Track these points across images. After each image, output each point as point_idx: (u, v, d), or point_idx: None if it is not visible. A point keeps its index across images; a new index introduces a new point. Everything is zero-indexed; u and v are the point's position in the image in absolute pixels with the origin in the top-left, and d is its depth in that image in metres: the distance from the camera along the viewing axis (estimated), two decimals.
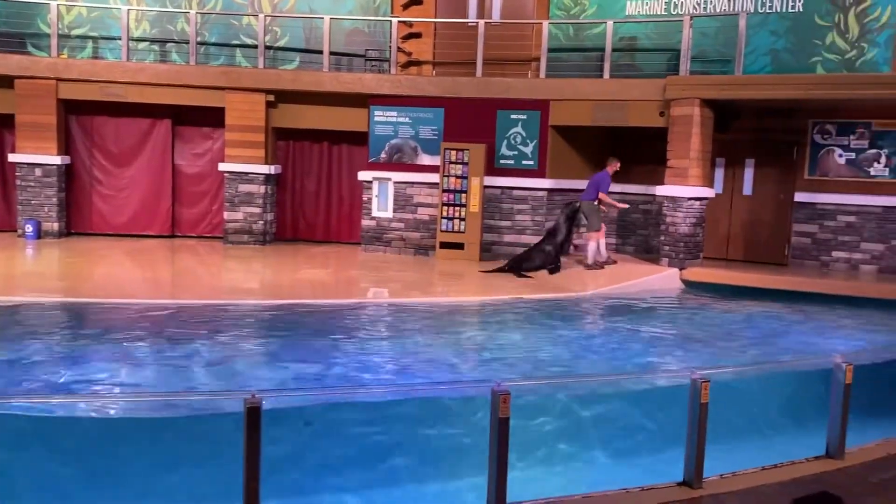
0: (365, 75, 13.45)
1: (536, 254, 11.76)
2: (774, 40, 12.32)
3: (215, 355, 7.03)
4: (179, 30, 14.00)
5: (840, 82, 11.10)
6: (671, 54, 12.63)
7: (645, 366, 7.42)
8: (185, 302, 9.05)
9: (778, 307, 10.34)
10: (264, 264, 12.24)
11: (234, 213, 13.67)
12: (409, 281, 11.27)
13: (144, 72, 13.37)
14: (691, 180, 11.70)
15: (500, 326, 8.83)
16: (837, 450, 5.52)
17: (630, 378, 6.48)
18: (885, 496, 4.90)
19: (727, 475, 5.09)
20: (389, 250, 13.40)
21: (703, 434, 4.90)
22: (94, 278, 10.76)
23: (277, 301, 9.31)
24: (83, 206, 14.09)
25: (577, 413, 6.26)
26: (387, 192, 13.34)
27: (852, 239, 12.19)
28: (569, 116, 12.66)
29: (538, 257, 11.70)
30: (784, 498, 2.91)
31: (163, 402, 5.43)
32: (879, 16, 11.78)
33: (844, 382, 5.53)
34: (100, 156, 14.09)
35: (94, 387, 5.98)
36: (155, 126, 14.12)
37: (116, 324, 8.04)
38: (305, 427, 5.71)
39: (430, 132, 13.17)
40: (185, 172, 14.36)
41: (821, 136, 12.33)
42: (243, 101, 13.36)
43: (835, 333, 9.07)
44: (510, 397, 4.40)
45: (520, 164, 12.90)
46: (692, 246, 11.88)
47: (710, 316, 9.92)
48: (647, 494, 4.79)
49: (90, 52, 14.04)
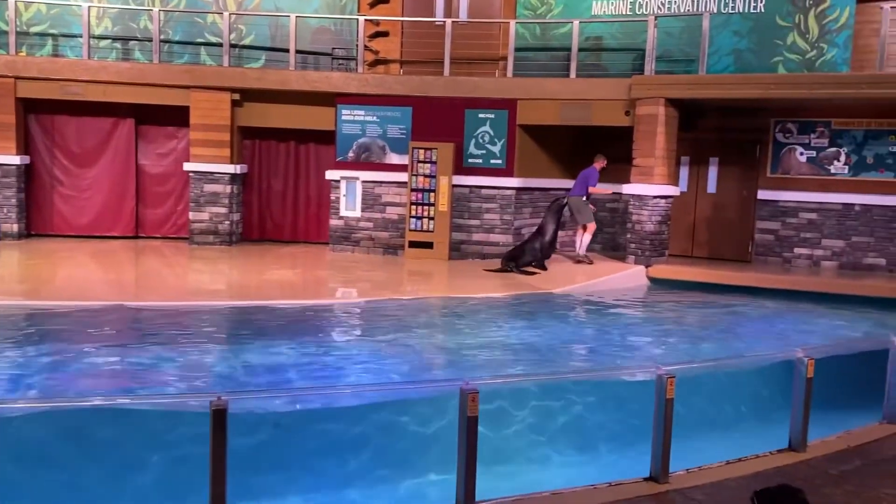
0: (332, 74, 13.37)
1: (526, 251, 11.86)
2: (737, 40, 12.51)
3: (180, 358, 6.94)
4: (142, 27, 13.78)
5: (800, 82, 11.31)
6: (636, 54, 12.76)
7: (611, 361, 7.49)
8: (150, 304, 8.93)
9: (742, 303, 10.52)
10: (231, 265, 12.11)
11: (199, 213, 13.50)
12: (379, 280, 11.24)
13: (106, 70, 13.14)
14: (657, 179, 11.84)
15: (468, 324, 8.85)
16: (800, 443, 5.63)
17: (596, 375, 6.53)
18: (843, 487, 5.01)
19: (693, 469, 5.16)
20: (358, 250, 13.35)
21: (669, 429, 4.96)
22: (56, 281, 10.56)
23: (245, 302, 9.22)
24: (44, 206, 13.81)
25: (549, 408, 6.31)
26: (355, 192, 13.29)
27: (813, 236, 12.44)
28: (536, 115, 12.73)
29: (528, 254, 11.81)
30: (747, 491, 2.96)
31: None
32: (838, 17, 12.02)
33: (806, 376, 5.65)
34: (61, 156, 13.82)
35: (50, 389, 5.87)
36: (118, 125, 13.89)
37: (77, 327, 7.88)
38: (275, 429, 5.68)
39: (398, 131, 13.14)
40: (149, 172, 14.14)
41: (782, 134, 12.56)
42: (208, 100, 13.20)
43: (797, 328, 9.24)
44: (478, 396, 4.41)
45: (488, 164, 12.93)
46: (658, 243, 12.02)
47: (675, 312, 10.05)
48: (614, 490, 4.84)
49: (50, 50, 13.76)
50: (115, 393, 5.88)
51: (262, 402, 5.32)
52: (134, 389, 6.04)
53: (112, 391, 5.97)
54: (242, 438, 4.86)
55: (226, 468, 4.04)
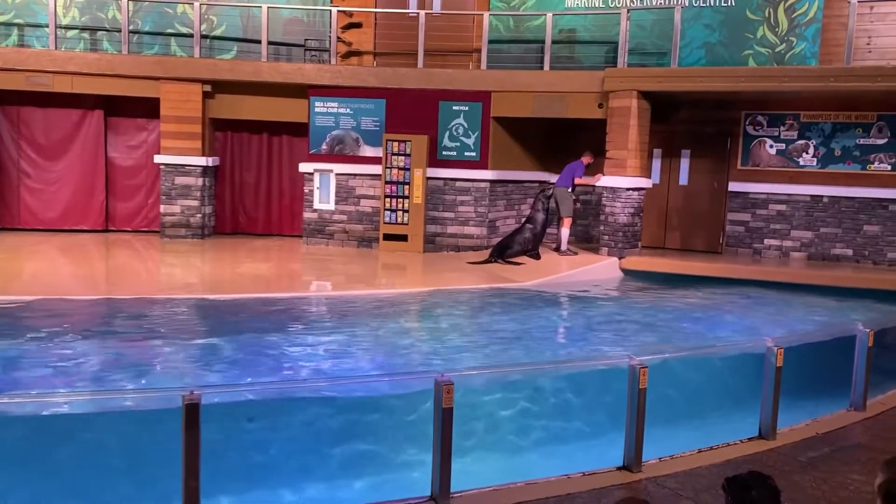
0: (305, 65, 13.26)
1: (516, 241, 11.94)
2: (708, 33, 12.62)
3: (151, 352, 6.87)
4: (111, 17, 13.55)
5: (770, 75, 11.45)
6: (609, 47, 12.82)
7: (587, 352, 7.55)
8: (121, 298, 8.81)
9: (712, 293, 10.66)
10: (203, 259, 12.00)
11: (170, 206, 13.34)
12: (353, 273, 11.20)
13: (73, 61, 12.91)
14: (629, 171, 11.93)
15: (442, 317, 8.86)
16: (769, 431, 5.72)
17: (570, 366, 6.58)
18: (811, 474, 5.11)
19: (665, 458, 5.23)
20: (332, 243, 13.28)
21: (642, 419, 5.02)
22: (23, 275, 10.38)
23: (219, 296, 9.14)
24: (10, 200, 13.55)
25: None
26: (328, 184, 13.21)
27: (783, 227, 12.63)
28: (510, 108, 12.74)
29: (517, 245, 11.91)
30: (719, 479, 3.01)
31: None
32: (807, 11, 12.18)
33: (775, 365, 5.74)
34: (28, 148, 13.56)
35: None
36: (86, 117, 13.66)
37: (45, 322, 7.76)
38: (249, 423, 5.65)
39: (371, 123, 13.08)
40: (119, 165, 13.94)
41: (752, 127, 12.71)
42: (179, 92, 13.02)
43: (766, 318, 9.38)
44: (453, 387, 4.43)
45: (462, 156, 12.93)
46: (631, 235, 12.12)
47: (646, 303, 10.15)
48: (587, 479, 4.88)
49: (15, 40, 13.47)
50: (80, 389, 5.80)
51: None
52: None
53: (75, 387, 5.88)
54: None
55: (199, 463, 4.01)
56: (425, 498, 4.48)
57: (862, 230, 12.21)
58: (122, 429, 5.25)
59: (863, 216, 12.20)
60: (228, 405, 5.29)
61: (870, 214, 12.16)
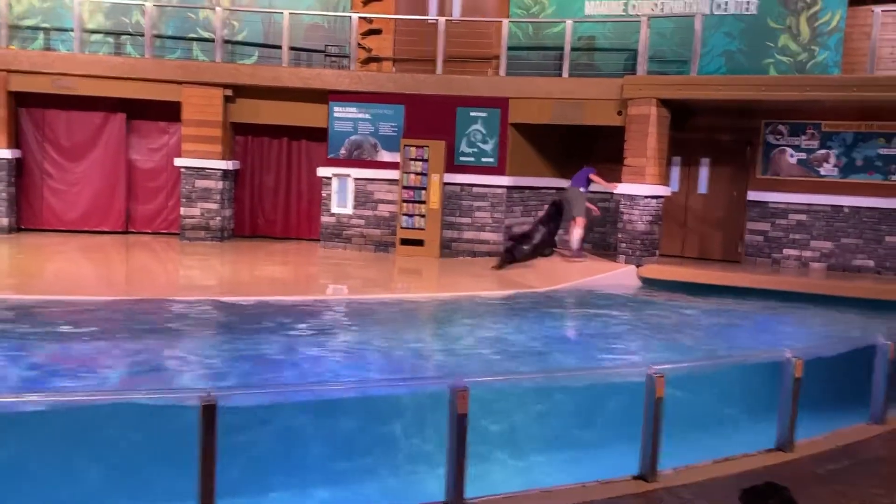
0: (324, 71, 13.35)
1: (527, 242, 11.99)
2: (729, 42, 12.56)
3: (170, 353, 6.93)
4: (134, 22, 13.72)
5: (791, 84, 11.37)
6: (629, 54, 12.79)
7: (602, 361, 7.52)
8: (140, 298, 8.90)
9: (731, 304, 10.57)
10: (222, 261, 12.08)
11: (190, 208, 13.46)
12: (370, 278, 11.24)
13: (98, 64, 13.07)
14: (648, 178, 11.88)
15: (459, 322, 8.86)
16: (787, 443, 5.66)
17: (587, 373, 6.55)
18: (830, 487, 5.05)
19: (681, 468, 5.19)
20: (349, 247, 13.34)
21: (658, 428, 4.99)
22: (46, 275, 10.51)
23: (237, 298, 9.20)
24: (34, 201, 13.73)
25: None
26: (346, 189, 13.28)
27: (802, 237, 12.51)
28: (528, 114, 12.74)
29: (528, 246, 11.97)
30: (735, 490, 2.99)
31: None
32: (830, 19, 12.09)
33: (794, 376, 5.68)
34: (51, 150, 13.75)
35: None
36: (109, 120, 13.82)
37: (67, 321, 7.85)
38: (263, 425, 5.66)
39: (390, 129, 13.13)
40: (140, 167, 14.08)
41: (773, 136, 12.61)
42: (200, 96, 13.15)
43: (785, 329, 9.29)
44: (468, 393, 4.43)
45: (480, 162, 12.94)
46: (649, 243, 12.07)
47: (664, 312, 10.09)
48: (603, 488, 4.86)
49: (42, 44, 13.67)
50: (99, 388, 5.86)
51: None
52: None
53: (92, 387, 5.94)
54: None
55: (215, 464, 4.04)
56: (439, 503, 4.48)
57: (883, 241, 12.06)
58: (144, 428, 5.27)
59: (884, 227, 12.05)
60: (248, 408, 5.31)
61: (892, 225, 12.01)
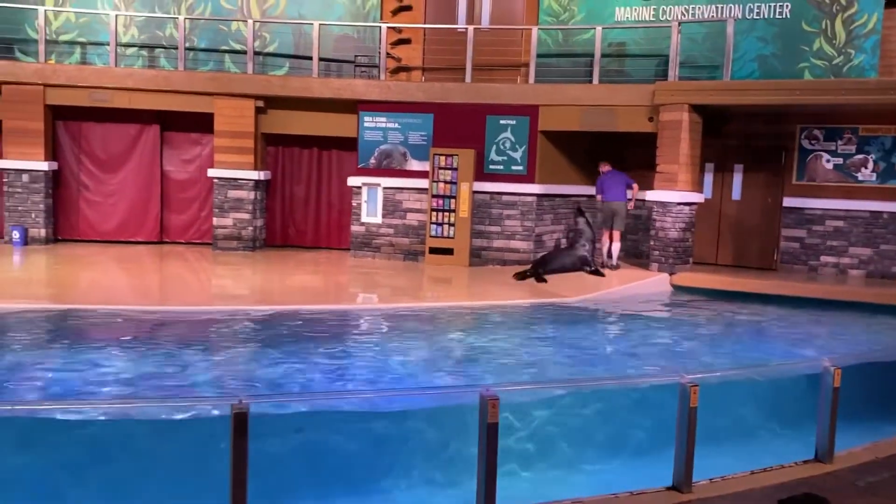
0: (354, 81, 13.44)
1: (565, 257, 11.75)
2: (762, 46, 12.40)
3: (206, 361, 6.99)
4: (168, 35, 13.96)
5: (827, 88, 11.17)
6: (660, 60, 12.68)
7: (639, 370, 7.42)
8: (174, 308, 9.00)
9: (766, 312, 10.39)
10: (254, 270, 12.19)
11: (223, 219, 13.62)
12: (399, 286, 11.25)
13: (132, 77, 13.31)
14: (680, 185, 11.74)
15: (489, 331, 8.81)
16: (826, 453, 5.53)
17: (619, 382, 6.47)
18: (869, 499, 4.91)
19: (716, 479, 5.09)
20: (379, 256, 13.37)
21: (693, 438, 4.90)
22: (82, 285, 10.69)
23: (269, 307, 9.26)
24: (70, 212, 14.00)
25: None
26: (376, 198, 13.32)
27: (840, 244, 12.26)
28: (558, 122, 12.68)
29: (568, 259, 11.69)
30: (773, 501, 2.91)
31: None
32: (866, 22, 11.88)
33: (833, 386, 5.55)
34: (87, 161, 14.01)
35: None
36: (143, 132, 14.05)
37: (103, 330, 7.97)
38: (296, 433, 5.68)
39: (419, 138, 13.16)
40: (174, 178, 14.28)
41: (808, 141, 12.40)
42: (232, 107, 13.32)
43: (823, 337, 9.10)
44: (499, 402, 4.39)
45: (509, 170, 12.91)
46: (682, 251, 11.91)
47: (698, 320, 9.94)
48: (636, 499, 4.78)
49: (78, 58, 13.97)
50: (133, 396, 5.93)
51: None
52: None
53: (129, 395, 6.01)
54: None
55: (247, 472, 4.05)
56: None
57: None
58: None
59: None
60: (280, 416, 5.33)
61: None
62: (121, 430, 5.23)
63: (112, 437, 5.21)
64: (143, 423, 5.19)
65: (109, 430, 5.21)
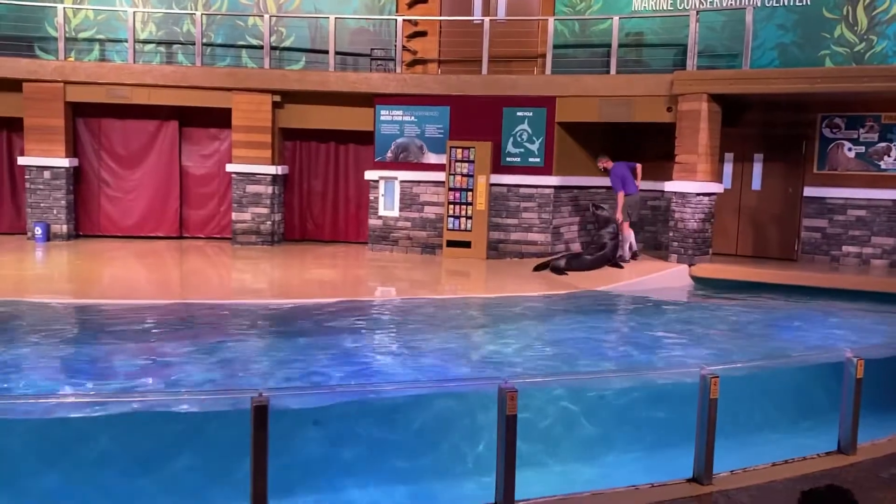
0: (370, 74, 13.44)
1: (592, 252, 11.73)
2: (782, 34, 12.24)
3: (229, 354, 7.04)
4: (185, 31, 14.03)
5: (848, 75, 11.02)
6: (678, 49, 12.57)
7: (660, 362, 7.39)
8: (195, 302, 9.08)
9: (787, 302, 10.29)
10: (273, 264, 12.25)
11: (241, 213, 13.69)
12: (417, 279, 11.26)
13: (150, 73, 13.41)
14: (699, 175, 11.65)
15: (512, 323, 8.81)
16: (849, 445, 5.48)
17: (639, 374, 6.44)
18: (894, 491, 4.86)
19: (737, 471, 5.06)
20: (396, 249, 13.39)
21: (713, 430, 4.87)
22: (104, 280, 10.81)
23: (288, 301, 9.31)
24: (91, 208, 14.14)
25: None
26: (393, 192, 13.34)
27: (862, 233, 12.10)
28: (575, 113, 12.61)
29: (593, 254, 11.66)
30: (794, 494, 2.88)
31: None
32: (888, 7, 11.68)
33: (856, 377, 5.49)
34: (107, 158, 14.14)
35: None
36: (162, 128, 14.15)
37: (123, 324, 8.06)
38: (314, 426, 5.71)
39: (435, 131, 13.15)
40: (193, 174, 14.38)
41: (830, 129, 12.24)
42: (249, 102, 13.37)
43: (845, 328, 9.00)
44: (517, 394, 4.39)
45: (526, 162, 12.86)
46: (701, 242, 11.82)
47: (718, 311, 9.87)
48: (656, 491, 4.76)
49: (97, 55, 14.09)
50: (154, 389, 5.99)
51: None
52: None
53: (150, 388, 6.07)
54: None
55: (267, 464, 4.08)
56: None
57: None
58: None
59: None
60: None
61: None
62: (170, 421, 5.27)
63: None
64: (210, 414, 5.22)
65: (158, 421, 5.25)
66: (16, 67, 13.16)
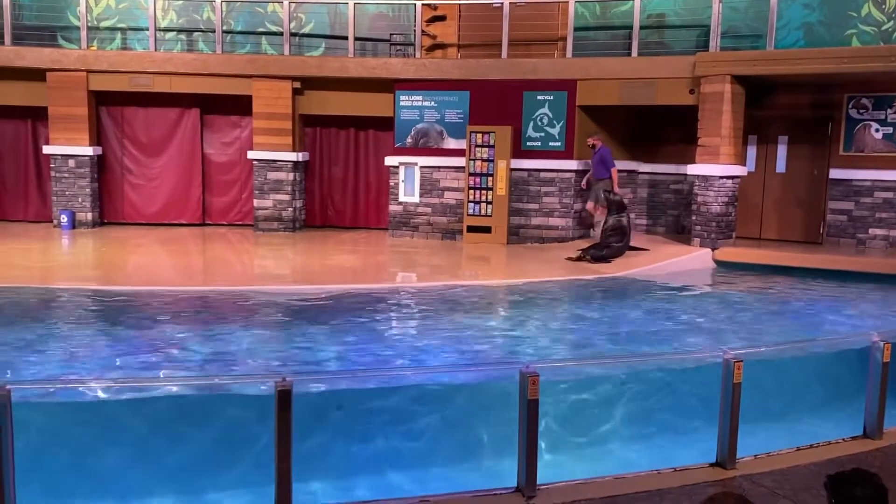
0: (390, 60, 13.41)
1: (614, 240, 11.47)
2: (807, 13, 12.02)
3: (249, 341, 7.11)
4: (205, 19, 14.08)
5: (876, 55, 10.81)
6: (700, 30, 12.39)
7: (678, 346, 7.35)
8: (220, 289, 9.16)
9: (813, 286, 10.17)
10: (295, 251, 12.32)
11: (263, 200, 13.77)
12: (438, 265, 11.27)
13: (172, 62, 13.48)
14: (723, 158, 11.52)
15: (535, 308, 8.80)
16: (875, 430, 5.42)
17: (661, 358, 6.41)
18: None
19: (761, 455, 5.03)
20: (417, 235, 13.41)
21: (737, 414, 4.84)
22: (128, 267, 10.93)
23: (311, 287, 9.36)
24: (115, 196, 14.29)
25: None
26: (413, 177, 13.33)
27: (890, 216, 11.91)
28: (596, 96, 12.51)
29: (616, 242, 11.40)
30: (819, 478, 2.86)
31: None
32: None
33: (882, 361, 5.43)
34: (130, 146, 14.26)
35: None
36: (184, 115, 14.24)
37: (148, 311, 8.15)
38: (337, 411, 5.75)
39: (455, 116, 13.11)
40: (215, 161, 14.47)
41: (856, 110, 12.03)
42: (270, 89, 13.41)
43: (871, 312, 8.89)
44: (539, 378, 4.39)
45: (547, 146, 12.79)
46: (724, 225, 11.71)
47: (742, 295, 9.78)
48: (679, 475, 4.75)
49: (119, 44, 14.18)
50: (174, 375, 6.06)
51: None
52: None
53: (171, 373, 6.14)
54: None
55: (291, 448, 4.12)
56: (511, 489, 4.46)
57: None
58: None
59: None
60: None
61: None
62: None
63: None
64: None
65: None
66: (40, 57, 13.29)
